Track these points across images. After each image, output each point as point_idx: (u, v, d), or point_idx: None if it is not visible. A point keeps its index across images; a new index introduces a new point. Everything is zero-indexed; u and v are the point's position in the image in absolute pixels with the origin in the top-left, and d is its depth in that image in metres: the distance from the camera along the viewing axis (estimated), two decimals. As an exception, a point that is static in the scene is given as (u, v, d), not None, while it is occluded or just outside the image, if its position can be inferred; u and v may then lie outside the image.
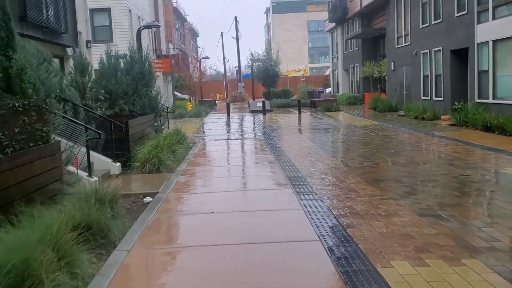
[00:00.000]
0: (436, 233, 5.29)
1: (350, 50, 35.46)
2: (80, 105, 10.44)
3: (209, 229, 5.84)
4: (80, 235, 4.95)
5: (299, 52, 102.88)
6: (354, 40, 33.53)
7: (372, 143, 13.50)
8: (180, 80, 39.55)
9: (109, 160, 9.71)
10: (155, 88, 14.25)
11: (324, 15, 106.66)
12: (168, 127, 16.84)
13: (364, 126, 18.27)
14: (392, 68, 25.71)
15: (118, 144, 10.27)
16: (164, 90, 33.81)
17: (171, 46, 41.44)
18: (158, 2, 37.36)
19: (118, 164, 9.74)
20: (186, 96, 40.72)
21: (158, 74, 32.49)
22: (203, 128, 20.85)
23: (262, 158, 11.41)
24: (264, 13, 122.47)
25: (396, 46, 25.09)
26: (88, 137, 8.03)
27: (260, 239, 5.34)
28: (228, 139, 16.01)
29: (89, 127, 8.38)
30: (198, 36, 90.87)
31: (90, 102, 13.04)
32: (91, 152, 9.50)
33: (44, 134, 6.20)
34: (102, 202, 6.02)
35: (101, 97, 13.41)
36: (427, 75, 21.13)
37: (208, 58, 38.16)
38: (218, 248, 5.16)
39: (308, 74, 60.35)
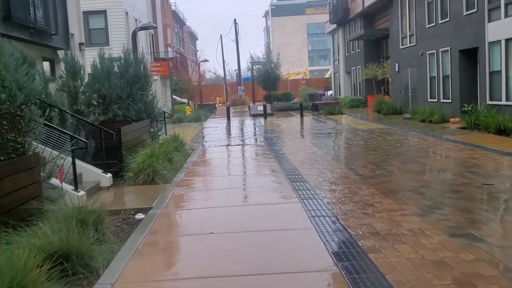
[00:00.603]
0: (474, 260, 4.50)
1: (352, 52, 34.72)
2: (68, 111, 9.66)
3: (209, 255, 5.05)
4: (55, 266, 4.18)
5: (299, 55, 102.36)
6: (356, 41, 32.79)
7: (381, 148, 12.72)
8: (179, 84, 38.80)
9: (99, 171, 8.92)
10: (151, 92, 13.47)
11: (324, 17, 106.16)
12: (166, 132, 16.06)
13: (370, 130, 17.49)
14: (397, 70, 24.96)
15: (109, 153, 9.48)
16: (162, 94, 33.07)
17: (169, 49, 40.74)
18: (156, 4, 36.66)
19: (109, 175, 8.95)
20: (186, 100, 39.96)
21: (156, 77, 31.77)
22: (202, 133, 20.08)
23: (265, 167, 10.62)
24: (263, 17, 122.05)
25: (401, 47, 24.34)
26: (73, 147, 7.24)
27: (269, 269, 4.55)
28: (228, 145, 15.22)
29: (74, 135, 7.59)
30: (197, 39, 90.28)
31: (82, 107, 12.34)
32: (79, 163, 8.73)
33: (19, 146, 5.42)
34: (85, 223, 5.24)
35: (94, 102, 12.68)
36: (434, 77, 20.37)
37: (207, 61, 37.37)
38: (220, 282, 4.36)
39: (308, 77, 59.57)
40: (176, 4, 61.50)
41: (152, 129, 13.25)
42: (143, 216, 6.86)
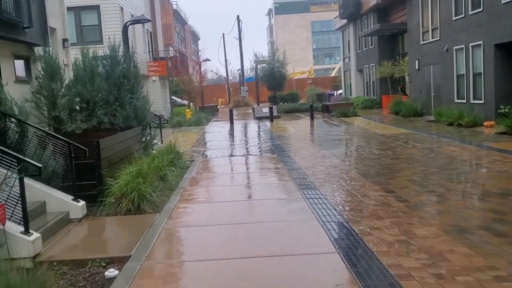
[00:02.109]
0: None
1: (364, 49, 32.58)
2: (28, 122, 7.65)
3: None
4: None
5: (303, 53, 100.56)
6: (369, 37, 30.68)
7: (415, 160, 10.66)
8: (180, 85, 36.73)
9: (69, 198, 6.91)
10: (142, 95, 11.45)
11: (329, 15, 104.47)
12: (162, 140, 14.03)
13: (394, 136, 15.42)
14: (417, 68, 22.85)
15: (85, 173, 7.48)
16: (161, 96, 31.10)
17: (170, 49, 38.70)
18: (155, 1, 34.63)
19: (82, 203, 6.93)
20: (186, 102, 37.88)
21: (154, 78, 29.81)
22: (203, 139, 18.04)
23: (279, 188, 8.57)
24: (266, 15, 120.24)
25: (421, 43, 22.23)
26: (21, 173, 5.21)
27: None
28: (232, 155, 13.15)
29: (21, 157, 5.54)
30: (199, 39, 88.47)
31: (62, 113, 10.42)
32: (43, 187, 6.74)
33: None
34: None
35: (76, 106, 10.73)
36: (462, 74, 18.27)
37: (209, 60, 35.27)
38: None
39: (312, 76, 57.51)
40: (177, 3, 59.60)
41: (144, 138, 11.22)
42: (117, 272, 4.85)
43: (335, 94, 41.76)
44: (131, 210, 6.90)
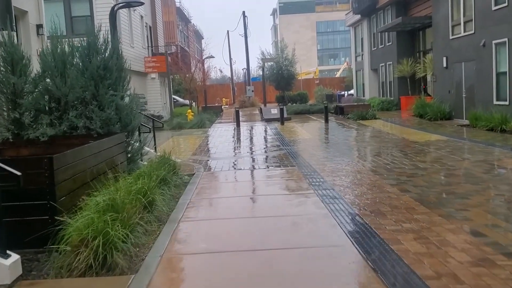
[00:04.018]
0: None
1: (380, 46, 30.13)
2: None
3: None
4: None
5: (308, 54, 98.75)
6: (386, 34, 28.26)
7: (478, 178, 8.22)
8: (182, 83, 34.25)
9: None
10: (128, 92, 9.03)
11: (334, 15, 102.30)
12: (156, 148, 11.60)
13: (431, 143, 12.99)
14: (444, 65, 20.38)
15: (30, 205, 5.09)
16: (161, 95, 28.74)
17: (172, 45, 36.27)
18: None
19: (13, 258, 4.47)
20: (189, 102, 35.37)
21: (153, 76, 27.47)
22: (206, 145, 15.62)
23: (315, 227, 6.14)
24: (270, 15, 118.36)
25: (451, 37, 19.77)
26: None
27: None
28: (242, 168, 10.72)
29: None
30: (203, 38, 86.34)
31: (23, 115, 8.14)
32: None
33: None
34: None
35: (45, 106, 8.40)
36: (504, 72, 15.83)
37: (213, 57, 32.82)
38: None
39: (318, 77, 55.18)
40: (180, 1, 57.30)
41: (130, 147, 8.80)
42: None
43: (345, 94, 39.40)
44: (92, 268, 4.49)
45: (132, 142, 8.87)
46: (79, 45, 8.54)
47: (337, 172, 9.37)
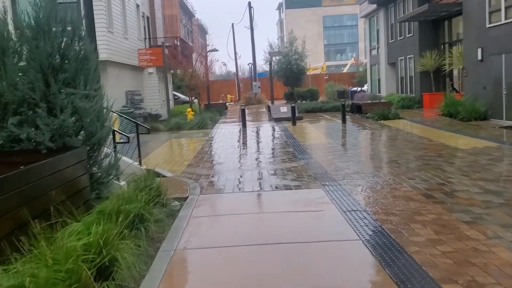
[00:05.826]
0: None
1: (399, 38, 27.56)
2: None
3: None
4: None
5: (314, 49, 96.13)
6: (406, 24, 25.71)
7: None
8: (184, 80, 31.76)
9: None
10: (96, 90, 6.59)
11: (341, 9, 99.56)
12: (140, 161, 9.15)
13: (480, 152, 10.49)
14: (479, 58, 17.84)
15: None
16: (160, 92, 26.34)
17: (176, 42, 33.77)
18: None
19: None
20: (191, 99, 32.89)
21: (151, 70, 25.08)
22: (206, 152, 13.19)
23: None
24: (276, 9, 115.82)
25: (488, 25, 17.23)
26: None
27: None
28: (250, 189, 8.27)
29: None
30: (207, 33, 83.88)
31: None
32: None
33: None
34: None
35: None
36: (561, 65, 13.33)
37: (217, 50, 30.38)
38: None
39: (325, 72, 52.74)
40: (183, -7, 54.79)
41: (94, 169, 6.38)
42: None
43: (358, 90, 36.86)
44: None
45: (101, 158, 6.47)
46: (24, 24, 6.18)
47: (380, 198, 6.93)
